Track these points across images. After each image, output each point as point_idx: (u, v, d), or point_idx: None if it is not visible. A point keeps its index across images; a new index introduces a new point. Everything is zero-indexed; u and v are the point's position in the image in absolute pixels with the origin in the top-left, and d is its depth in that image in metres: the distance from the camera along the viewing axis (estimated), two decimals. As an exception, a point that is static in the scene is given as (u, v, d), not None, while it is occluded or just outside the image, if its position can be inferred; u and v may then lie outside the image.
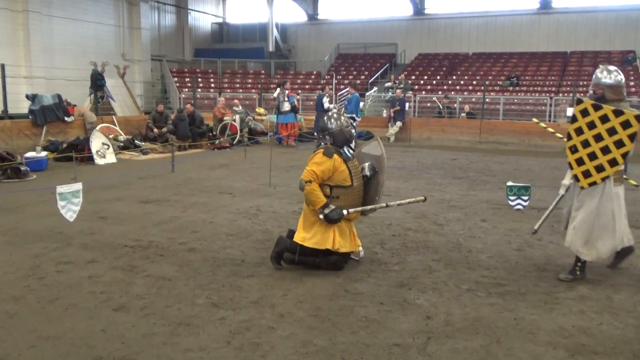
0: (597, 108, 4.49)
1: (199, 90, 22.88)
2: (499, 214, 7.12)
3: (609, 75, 4.57)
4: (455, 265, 5.00)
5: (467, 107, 18.35)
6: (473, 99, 19.44)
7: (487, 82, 20.01)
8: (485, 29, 25.23)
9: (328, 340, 3.49)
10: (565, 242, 4.68)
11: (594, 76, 4.68)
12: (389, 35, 26.91)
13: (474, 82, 21.55)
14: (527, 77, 21.75)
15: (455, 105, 19.02)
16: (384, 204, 5.02)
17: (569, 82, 19.93)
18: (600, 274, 4.81)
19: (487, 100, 18.66)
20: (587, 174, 4.53)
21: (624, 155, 4.39)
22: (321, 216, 4.70)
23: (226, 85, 24.38)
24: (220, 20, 30.96)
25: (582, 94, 18.46)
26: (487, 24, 25.23)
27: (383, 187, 5.01)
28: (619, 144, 4.37)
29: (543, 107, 18.45)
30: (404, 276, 4.69)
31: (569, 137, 4.67)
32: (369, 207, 4.94)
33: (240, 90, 23.42)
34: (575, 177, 4.62)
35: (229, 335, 3.55)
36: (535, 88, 20.71)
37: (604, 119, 4.44)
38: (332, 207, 4.69)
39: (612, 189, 4.50)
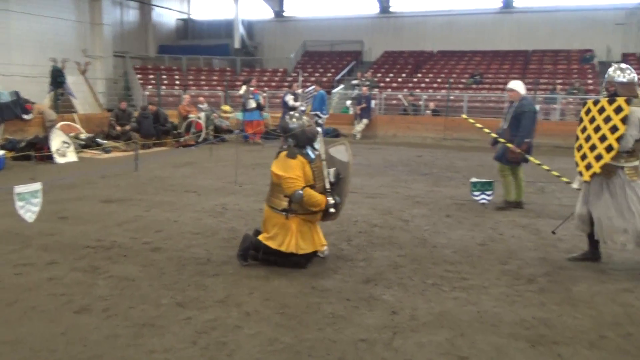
0: (596, 103, 4.73)
1: (163, 87, 22.52)
2: (463, 210, 7.24)
3: (622, 73, 4.73)
4: (420, 261, 5.07)
5: (432, 105, 18.59)
6: (438, 97, 19.70)
7: (451, 80, 20.32)
8: (449, 28, 25.59)
9: (295, 337, 3.49)
10: (613, 243, 4.73)
11: (606, 74, 4.85)
12: (355, 32, 27.02)
13: (439, 80, 21.85)
14: (489, 75, 22.17)
15: (421, 102, 19.25)
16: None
17: (530, 80, 20.37)
18: (560, 266, 4.95)
19: (451, 97, 18.93)
20: (589, 167, 4.71)
21: (619, 140, 4.51)
22: (332, 210, 4.71)
23: (191, 82, 24.09)
24: (185, 16, 30.55)
25: (542, 92, 18.97)
26: (452, 22, 25.60)
27: (347, 197, 4.97)
28: (614, 129, 4.54)
29: (505, 104, 18.79)
30: (370, 272, 4.73)
31: (576, 139, 4.90)
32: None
33: (206, 88, 23.17)
34: (580, 173, 4.81)
35: (195, 335, 3.51)
36: (498, 86, 21.09)
37: (601, 110, 4.67)
38: (331, 199, 4.70)
39: (635, 186, 4.62)
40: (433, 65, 24.19)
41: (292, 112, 5.03)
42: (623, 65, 4.80)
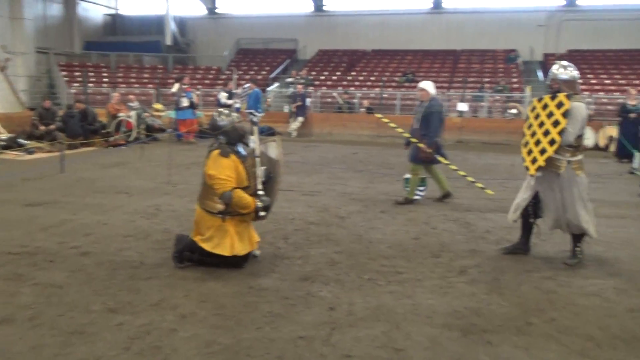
0: (540, 100, 4.90)
1: (91, 85, 21.67)
2: (397, 205, 7.39)
3: (564, 70, 4.89)
4: (356, 257, 5.14)
5: (366, 102, 18.87)
6: (372, 95, 20.04)
7: (384, 78, 20.70)
8: (382, 27, 26.06)
9: (232, 338, 3.45)
10: (594, 234, 4.94)
11: (550, 72, 4.99)
12: (289, 30, 27.00)
13: (372, 78, 22.21)
14: (421, 74, 22.75)
15: (355, 100, 19.51)
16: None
17: (459, 79, 21.10)
18: (488, 257, 5.16)
19: (384, 95, 19.30)
20: (534, 161, 4.85)
21: (560, 133, 4.68)
22: (262, 213, 4.64)
23: (120, 80, 23.29)
24: (112, 11, 29.44)
25: (470, 90, 19.68)
26: (384, 22, 26.09)
27: (277, 196, 4.94)
28: (556, 123, 4.71)
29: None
30: (307, 270, 4.75)
31: (523, 135, 5.05)
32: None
33: (136, 86, 22.45)
34: (526, 168, 4.94)
35: (128, 340, 3.40)
36: (429, 84, 21.70)
37: (545, 106, 4.84)
38: (259, 202, 4.62)
39: (580, 179, 4.81)
40: (366, 63, 24.57)
41: (221, 109, 4.93)
42: (565, 63, 5.00)
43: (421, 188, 7.58)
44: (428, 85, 7.40)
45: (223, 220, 4.63)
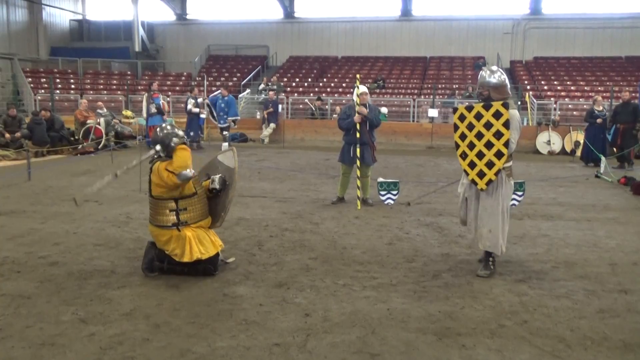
0: (469, 109, 4.71)
1: (57, 91, 21.26)
2: (371, 211, 7.44)
3: (492, 75, 4.70)
4: (331, 262, 5.14)
5: (338, 109, 18.94)
6: (343, 101, 20.12)
7: (356, 85, 20.80)
8: (352, 34, 26.29)
9: (207, 346, 3.41)
10: (482, 246, 4.78)
11: (479, 77, 4.81)
12: (260, 37, 27.01)
13: (344, 85, 22.34)
14: (392, 80, 23.00)
15: (327, 107, 19.58)
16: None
17: (429, 85, 21.38)
18: (461, 261, 5.22)
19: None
20: (481, 175, 4.67)
21: (506, 145, 4.53)
22: (217, 186, 4.80)
23: (88, 86, 22.92)
24: (79, 17, 28.97)
25: (440, 96, 19.96)
26: (354, 29, 26.31)
27: (231, 204, 4.91)
28: (498, 135, 4.55)
29: (407, 109, 19.62)
30: (282, 276, 4.73)
31: (457, 146, 4.85)
32: None
33: (105, 92, 22.13)
34: (473, 181, 4.74)
35: (100, 351, 3.33)
36: (400, 90, 21.96)
37: (478, 116, 4.65)
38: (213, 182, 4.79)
39: (508, 186, 4.72)
40: (338, 70, 24.71)
41: (162, 125, 4.86)
42: (494, 68, 4.83)
43: (394, 192, 7.65)
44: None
45: (179, 231, 4.61)
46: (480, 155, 4.68)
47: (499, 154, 4.58)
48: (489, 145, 4.62)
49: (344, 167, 7.97)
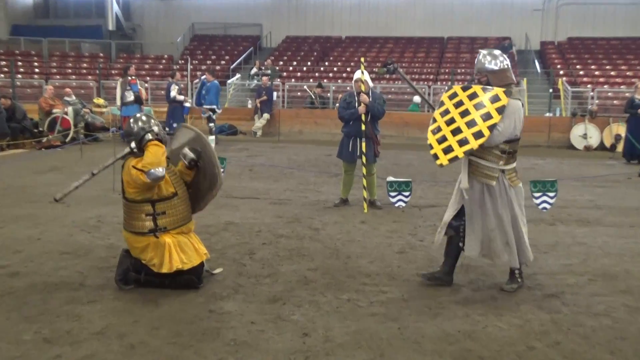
0: (465, 89, 4.76)
1: (19, 76, 21.31)
2: (379, 214, 7.44)
3: (493, 60, 4.70)
4: (333, 274, 5.14)
5: (341, 97, 18.95)
6: (348, 88, 20.09)
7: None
8: (358, 11, 26.27)
9: (190, 371, 3.41)
10: (500, 262, 4.80)
11: (476, 62, 4.80)
12: (252, 15, 27.01)
13: (348, 69, 22.34)
14: (404, 64, 23.00)
15: (329, 94, 19.58)
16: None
17: (446, 70, 21.38)
18: (483, 273, 5.22)
19: (363, 89, 19.35)
20: (448, 150, 4.68)
21: (490, 128, 4.52)
22: (192, 155, 4.76)
23: (55, 70, 22.98)
24: (44, -9, 29.05)
25: (459, 82, 19.94)
26: (361, 5, 26.30)
27: (217, 158, 4.92)
28: (487, 116, 4.56)
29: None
30: (276, 290, 4.73)
31: (433, 121, 4.89)
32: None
33: (73, 77, 22.18)
34: (435, 156, 4.73)
35: (66, 376, 3.34)
36: (413, 76, 21.97)
37: (472, 96, 4.68)
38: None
39: (512, 192, 4.70)
40: (341, 52, 24.72)
41: (137, 115, 4.90)
42: (495, 52, 4.84)
43: (405, 193, 7.62)
44: (364, 75, 8.01)
45: (157, 237, 4.61)
46: (456, 131, 4.67)
47: (478, 134, 4.55)
48: (471, 123, 4.61)
49: (345, 164, 7.97)
